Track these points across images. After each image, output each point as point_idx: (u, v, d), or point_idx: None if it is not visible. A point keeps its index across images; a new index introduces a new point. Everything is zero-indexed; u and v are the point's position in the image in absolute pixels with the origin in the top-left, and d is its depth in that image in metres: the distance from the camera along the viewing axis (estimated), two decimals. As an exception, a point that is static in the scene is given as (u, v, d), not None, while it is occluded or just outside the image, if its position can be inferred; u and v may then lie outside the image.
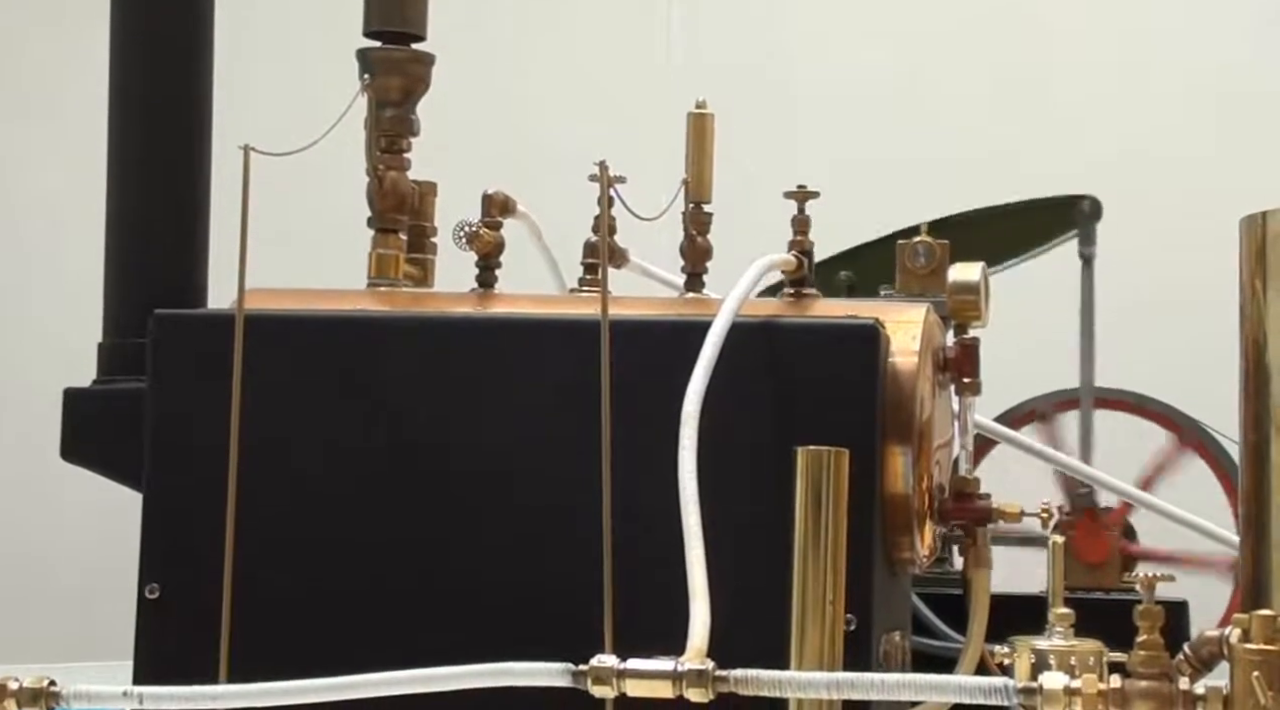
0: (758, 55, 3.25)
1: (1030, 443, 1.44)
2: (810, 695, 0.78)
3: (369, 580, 1.04)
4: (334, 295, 1.11)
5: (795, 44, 3.27)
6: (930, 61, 3.22)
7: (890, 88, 3.20)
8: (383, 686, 0.78)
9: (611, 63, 3.28)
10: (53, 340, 2.33)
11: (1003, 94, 3.19)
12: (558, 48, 3.29)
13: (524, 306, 1.10)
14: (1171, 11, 3.13)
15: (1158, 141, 3.03)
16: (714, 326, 0.97)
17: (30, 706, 0.77)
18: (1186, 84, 3.08)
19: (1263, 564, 0.78)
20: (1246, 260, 0.79)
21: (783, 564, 0.80)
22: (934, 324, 1.07)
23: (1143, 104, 3.12)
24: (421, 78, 1.12)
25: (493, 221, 1.14)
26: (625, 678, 0.75)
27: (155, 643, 1.05)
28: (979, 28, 3.20)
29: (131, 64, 1.17)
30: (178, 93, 1.16)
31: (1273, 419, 0.78)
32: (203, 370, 1.05)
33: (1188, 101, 3.06)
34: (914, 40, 3.23)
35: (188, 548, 1.04)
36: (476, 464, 1.03)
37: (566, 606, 0.97)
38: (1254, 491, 0.78)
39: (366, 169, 1.12)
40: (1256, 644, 0.73)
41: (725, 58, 3.21)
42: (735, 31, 3.29)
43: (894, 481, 1.01)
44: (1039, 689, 0.75)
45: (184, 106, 1.17)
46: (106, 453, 1.19)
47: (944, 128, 3.15)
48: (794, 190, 1.11)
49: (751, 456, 0.99)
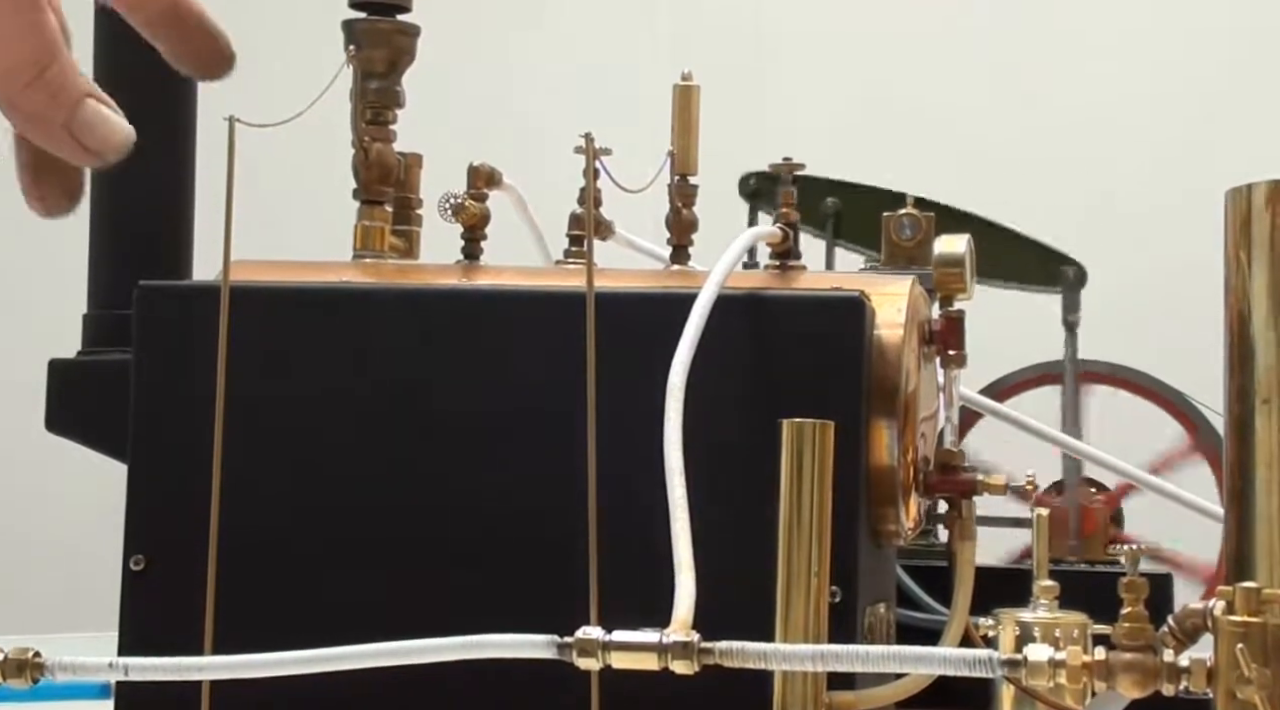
0: (744, 28, 3.25)
1: (1016, 415, 1.44)
2: (795, 667, 0.78)
3: (354, 551, 1.04)
4: (319, 267, 1.11)
5: (783, 14, 3.27)
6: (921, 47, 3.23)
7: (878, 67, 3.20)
8: (363, 659, 0.78)
9: (598, 35, 3.28)
10: (37, 311, 2.33)
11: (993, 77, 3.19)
12: (543, 19, 3.29)
13: (510, 278, 1.10)
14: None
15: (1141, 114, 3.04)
16: (699, 298, 0.97)
17: (15, 677, 0.77)
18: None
19: (1246, 537, 0.78)
20: (1231, 232, 0.79)
21: (768, 537, 0.80)
22: (919, 296, 1.07)
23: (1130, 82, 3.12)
24: (407, 49, 1.12)
25: (478, 193, 1.14)
26: (610, 650, 0.75)
27: (140, 614, 1.05)
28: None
29: (117, 33, 1.17)
30: (163, 62, 1.16)
31: (1257, 391, 0.78)
32: (187, 341, 1.05)
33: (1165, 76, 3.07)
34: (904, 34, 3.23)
35: (173, 519, 1.04)
36: (462, 435, 1.03)
37: (552, 579, 0.97)
38: (1238, 464, 0.78)
39: (352, 141, 1.12)
40: (1240, 616, 0.74)
41: (712, 30, 3.21)
42: (722, 5, 3.29)
43: (879, 454, 1.02)
44: (1023, 661, 0.75)
45: (169, 76, 1.16)
46: (91, 424, 1.19)
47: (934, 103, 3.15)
48: (779, 162, 1.11)
49: (737, 428, 0.99)
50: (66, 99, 0.67)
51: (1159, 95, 3.18)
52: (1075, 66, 3.23)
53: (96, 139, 0.68)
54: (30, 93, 0.66)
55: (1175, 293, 2.77)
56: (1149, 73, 3.20)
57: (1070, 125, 3.20)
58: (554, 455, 1.00)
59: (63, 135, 0.67)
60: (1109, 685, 0.75)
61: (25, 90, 0.66)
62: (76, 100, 0.67)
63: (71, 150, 0.68)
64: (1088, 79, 3.22)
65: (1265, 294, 0.77)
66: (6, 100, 0.67)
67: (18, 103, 0.67)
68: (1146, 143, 3.16)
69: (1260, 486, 0.77)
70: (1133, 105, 3.19)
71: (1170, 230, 2.98)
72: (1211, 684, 0.74)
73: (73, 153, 0.68)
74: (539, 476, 1.02)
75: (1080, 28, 3.23)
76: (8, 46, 0.65)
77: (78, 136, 0.67)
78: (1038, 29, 3.24)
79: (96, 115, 0.68)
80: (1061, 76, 3.22)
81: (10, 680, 0.77)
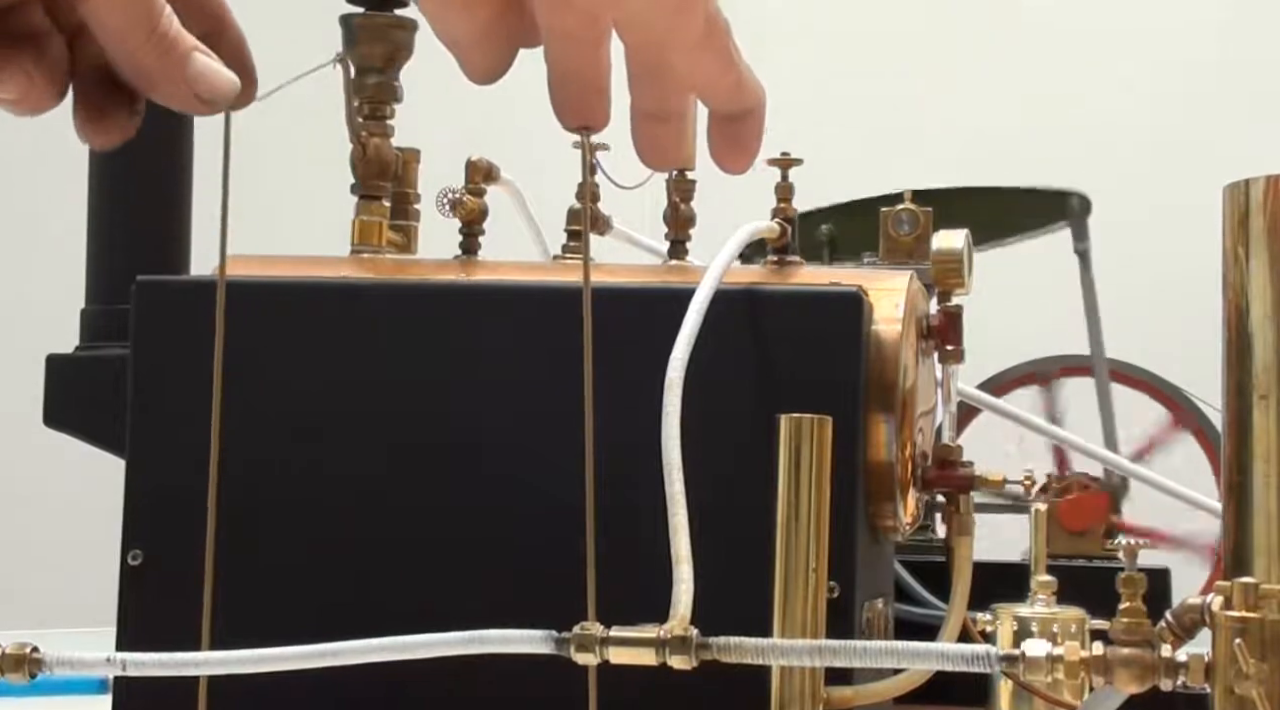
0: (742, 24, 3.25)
1: (1014, 410, 1.44)
2: (793, 662, 0.78)
3: (353, 547, 1.04)
4: (317, 262, 1.11)
5: (781, 9, 3.27)
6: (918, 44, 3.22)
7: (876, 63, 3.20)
8: (361, 654, 0.78)
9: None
10: (35, 306, 2.33)
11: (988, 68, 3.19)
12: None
13: (507, 273, 1.10)
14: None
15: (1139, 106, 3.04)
16: (697, 294, 0.97)
17: (13, 672, 0.77)
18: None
19: (1244, 531, 0.78)
20: (1229, 228, 0.79)
21: (766, 532, 0.80)
22: (917, 291, 1.07)
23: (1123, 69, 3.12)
24: (405, 44, 1.12)
25: (476, 188, 1.14)
26: (609, 645, 0.75)
27: (138, 609, 1.05)
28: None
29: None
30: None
31: (1255, 387, 0.78)
32: (185, 336, 1.05)
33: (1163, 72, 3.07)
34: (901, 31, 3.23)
35: (170, 513, 1.04)
36: (459, 431, 1.03)
37: (551, 574, 0.97)
38: (1236, 459, 0.78)
39: (349, 136, 1.12)
40: (1238, 611, 0.74)
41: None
42: (720, 3, 3.29)
43: (877, 449, 1.01)
44: (1021, 656, 0.75)
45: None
46: (89, 419, 1.19)
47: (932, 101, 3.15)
48: (777, 157, 1.11)
49: (734, 424, 0.99)
50: (179, 52, 0.69)
51: (1157, 93, 3.18)
52: (1074, 63, 3.23)
53: (210, 88, 0.70)
54: (147, 48, 0.68)
55: (1175, 290, 2.77)
56: (1148, 69, 3.20)
57: (1070, 123, 3.20)
58: (552, 450, 1.00)
59: (178, 86, 0.69)
60: (1106, 681, 0.75)
61: (142, 46, 0.68)
62: (186, 52, 0.69)
63: (185, 99, 0.70)
64: (1087, 76, 3.22)
65: (1263, 289, 0.77)
66: (124, 57, 0.69)
67: (136, 59, 0.69)
68: (1146, 141, 3.16)
69: (1258, 481, 0.77)
70: (1133, 104, 3.19)
71: (1170, 229, 2.98)
72: (1209, 679, 0.74)
73: (186, 102, 0.70)
74: (537, 472, 1.02)
75: (1080, 27, 3.23)
76: (118, 5, 0.67)
77: (194, 86, 0.69)
78: (1037, 29, 3.24)
79: (207, 66, 0.69)
80: (1061, 75, 3.22)
81: (8, 675, 0.77)
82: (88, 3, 0.68)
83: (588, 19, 0.70)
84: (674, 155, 0.76)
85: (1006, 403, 1.51)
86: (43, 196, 3.11)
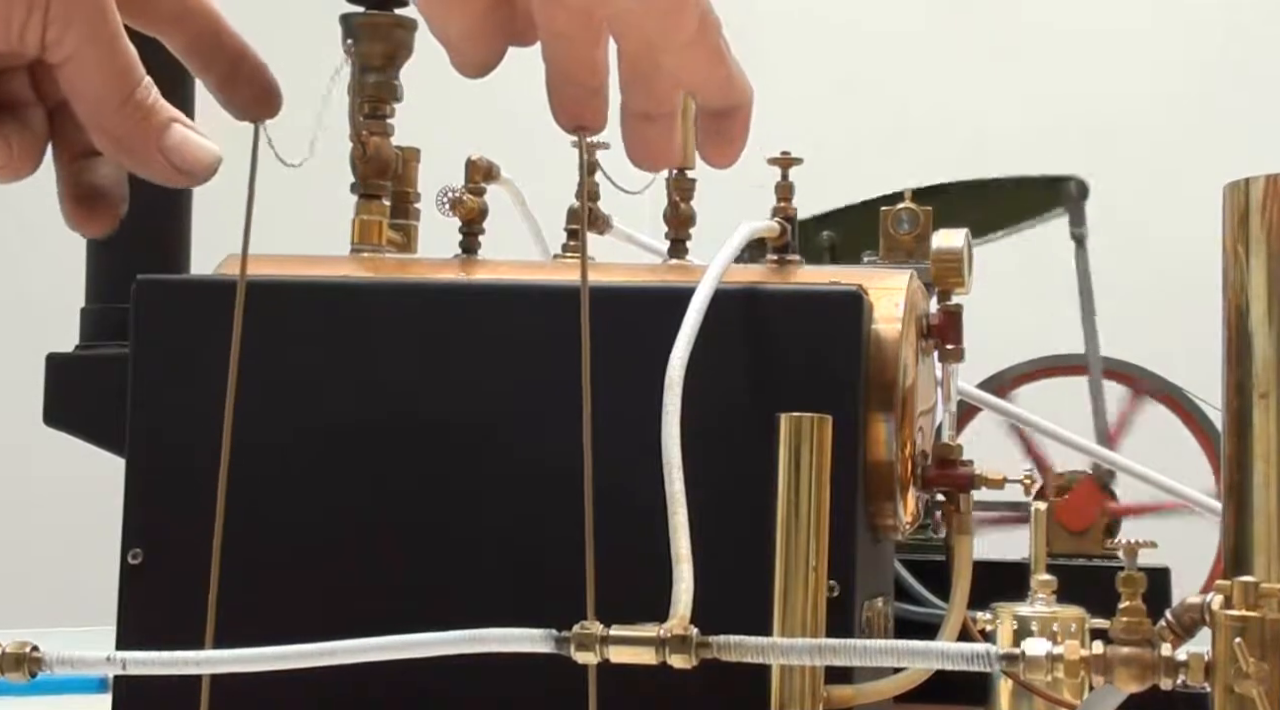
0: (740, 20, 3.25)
1: (1014, 409, 1.44)
2: (794, 661, 0.78)
3: (354, 546, 1.04)
4: (317, 261, 1.11)
5: (777, 6, 3.27)
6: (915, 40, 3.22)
7: (873, 59, 3.20)
8: (361, 653, 0.78)
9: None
10: (35, 305, 2.33)
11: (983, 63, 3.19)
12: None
13: (507, 272, 1.10)
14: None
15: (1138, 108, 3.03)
16: (697, 293, 0.97)
17: (13, 671, 0.77)
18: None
19: (1244, 530, 0.78)
20: (1229, 227, 0.79)
21: (766, 531, 0.80)
22: (917, 290, 1.07)
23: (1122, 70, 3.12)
24: (405, 43, 1.12)
25: (476, 187, 1.14)
26: (609, 644, 0.75)
27: (138, 608, 1.05)
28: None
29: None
30: (163, 55, 1.16)
31: (1255, 386, 0.78)
32: (185, 335, 1.05)
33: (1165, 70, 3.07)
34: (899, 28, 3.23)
35: (170, 513, 1.04)
36: (460, 429, 1.03)
37: (550, 573, 0.97)
38: (1236, 458, 0.78)
39: (349, 135, 1.12)
40: (1238, 610, 0.74)
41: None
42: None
43: (877, 448, 1.01)
44: (1021, 655, 0.75)
45: (168, 69, 1.16)
46: (89, 418, 1.19)
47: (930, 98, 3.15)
48: (777, 156, 1.11)
49: (734, 423, 0.99)
50: (156, 121, 0.68)
51: (1157, 92, 3.18)
52: (1073, 61, 3.23)
53: (187, 159, 0.69)
54: (120, 116, 0.68)
55: (1173, 288, 2.77)
56: (1148, 68, 3.20)
57: (1069, 122, 3.20)
58: (551, 449, 1.00)
59: (154, 156, 0.69)
60: (1106, 680, 0.75)
61: (115, 114, 0.68)
62: (164, 122, 0.68)
63: (162, 170, 0.69)
64: (1086, 73, 3.22)
65: (1263, 288, 0.77)
66: (97, 125, 0.68)
67: (108, 127, 0.68)
68: (1145, 139, 3.16)
69: (1258, 480, 0.77)
70: (1132, 103, 3.19)
71: (1169, 227, 2.98)
72: (1209, 678, 0.74)
73: (163, 173, 0.69)
74: (537, 471, 1.02)
75: (1079, 26, 3.23)
76: (93, 72, 0.67)
77: (168, 157, 0.69)
78: (1037, 27, 3.24)
79: (185, 137, 0.69)
80: (1060, 73, 3.22)
81: (8, 674, 0.77)
82: (63, 69, 0.67)
83: (580, 17, 0.70)
84: (663, 156, 0.76)
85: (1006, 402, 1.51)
86: (43, 196, 3.11)
